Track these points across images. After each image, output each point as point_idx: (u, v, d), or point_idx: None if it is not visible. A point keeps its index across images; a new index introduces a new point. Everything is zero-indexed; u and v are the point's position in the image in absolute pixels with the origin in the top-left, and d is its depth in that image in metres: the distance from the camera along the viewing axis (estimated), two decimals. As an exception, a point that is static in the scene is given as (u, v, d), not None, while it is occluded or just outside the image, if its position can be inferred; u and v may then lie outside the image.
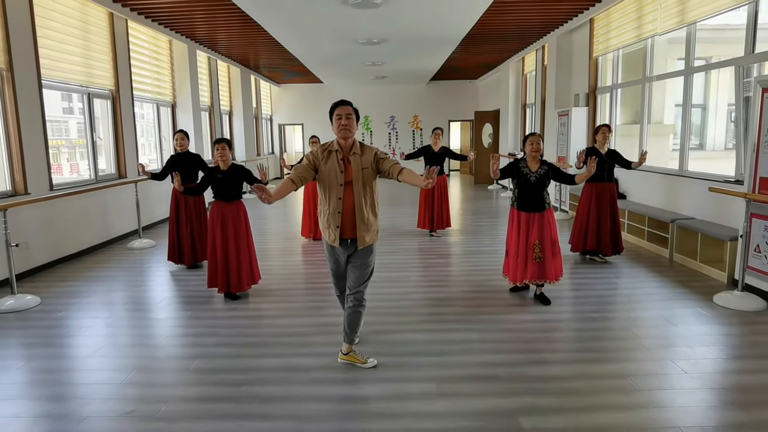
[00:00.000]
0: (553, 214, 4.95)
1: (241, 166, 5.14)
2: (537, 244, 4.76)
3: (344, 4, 7.62)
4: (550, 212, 4.84)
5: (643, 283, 5.62)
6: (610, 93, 9.31)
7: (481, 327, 4.33)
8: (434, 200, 8.12)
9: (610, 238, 6.28)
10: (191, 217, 6.25)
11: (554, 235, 4.82)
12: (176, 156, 6.28)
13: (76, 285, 5.78)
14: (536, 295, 5.01)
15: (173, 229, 6.28)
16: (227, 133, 14.18)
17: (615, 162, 6.28)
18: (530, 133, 5.18)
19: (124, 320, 4.73)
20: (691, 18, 6.69)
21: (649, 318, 4.58)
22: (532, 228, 4.80)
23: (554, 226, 4.85)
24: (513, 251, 4.96)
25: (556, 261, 4.83)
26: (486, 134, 16.37)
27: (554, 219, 4.90)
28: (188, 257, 6.29)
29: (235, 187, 5.10)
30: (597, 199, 6.25)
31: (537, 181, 4.82)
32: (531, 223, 4.81)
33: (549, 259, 4.77)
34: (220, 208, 5.04)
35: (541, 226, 4.78)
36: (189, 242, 6.26)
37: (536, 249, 4.77)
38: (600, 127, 6.29)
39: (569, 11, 9.21)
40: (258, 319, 4.67)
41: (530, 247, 4.80)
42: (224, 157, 5.02)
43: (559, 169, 4.99)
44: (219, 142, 5.04)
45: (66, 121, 10.12)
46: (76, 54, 7.31)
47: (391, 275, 6.02)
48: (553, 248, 4.80)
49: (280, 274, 6.12)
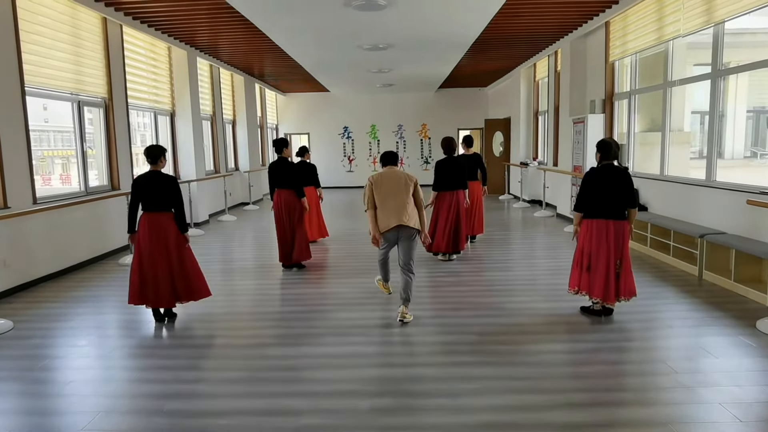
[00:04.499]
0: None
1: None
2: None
3: (347, 6, 7.23)
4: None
5: (672, 306, 5.12)
6: (628, 99, 8.82)
7: (497, 360, 3.85)
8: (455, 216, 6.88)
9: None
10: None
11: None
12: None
13: (57, 307, 5.35)
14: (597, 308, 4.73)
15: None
16: (230, 142, 13.81)
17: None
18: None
19: (101, 348, 4.30)
20: (719, 17, 6.21)
21: (684, 347, 4.08)
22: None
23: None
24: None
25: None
26: (497, 142, 15.90)
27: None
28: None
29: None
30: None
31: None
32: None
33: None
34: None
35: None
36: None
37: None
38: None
39: (584, 14, 8.76)
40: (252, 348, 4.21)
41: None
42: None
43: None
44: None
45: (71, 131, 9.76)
46: (66, 60, 6.94)
47: (393, 296, 5.54)
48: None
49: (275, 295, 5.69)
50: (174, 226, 4.72)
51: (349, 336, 4.39)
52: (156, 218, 4.67)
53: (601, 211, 4.53)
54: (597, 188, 4.53)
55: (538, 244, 8.37)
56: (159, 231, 4.64)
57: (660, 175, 7.75)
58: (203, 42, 10.14)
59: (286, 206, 6.59)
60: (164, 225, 4.67)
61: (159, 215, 4.68)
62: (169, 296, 4.69)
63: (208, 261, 7.56)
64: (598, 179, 4.53)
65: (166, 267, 4.64)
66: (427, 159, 18.78)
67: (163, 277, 4.62)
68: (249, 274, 6.72)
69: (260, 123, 16.19)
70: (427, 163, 18.71)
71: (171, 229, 4.70)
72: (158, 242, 4.63)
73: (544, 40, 10.68)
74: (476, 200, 7.92)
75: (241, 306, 5.41)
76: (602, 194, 4.52)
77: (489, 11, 7.80)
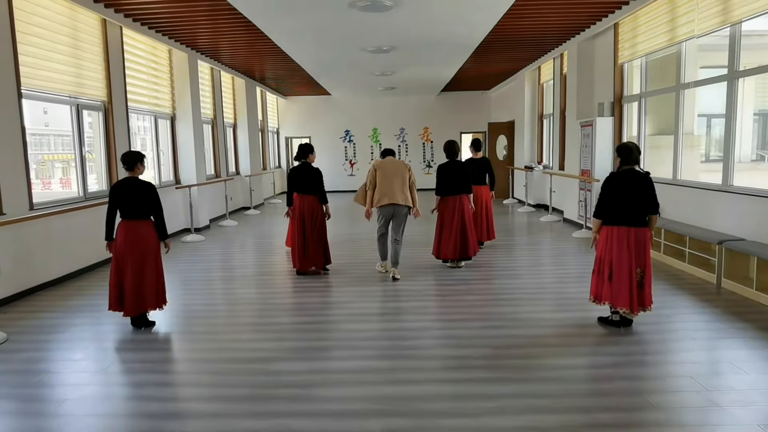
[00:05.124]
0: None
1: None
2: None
3: (352, 7, 7.05)
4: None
5: (692, 316, 4.92)
6: (638, 102, 8.64)
7: (515, 376, 3.65)
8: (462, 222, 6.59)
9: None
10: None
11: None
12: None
13: (53, 317, 5.15)
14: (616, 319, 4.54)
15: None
16: (231, 146, 13.64)
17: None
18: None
19: (98, 362, 4.10)
20: (735, 18, 6.04)
21: (711, 362, 3.88)
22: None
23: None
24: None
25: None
26: (500, 146, 15.72)
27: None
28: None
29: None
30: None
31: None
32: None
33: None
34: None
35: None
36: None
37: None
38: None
39: (593, 15, 8.58)
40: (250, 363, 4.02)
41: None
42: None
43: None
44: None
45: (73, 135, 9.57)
46: (64, 62, 6.76)
47: (405, 305, 5.36)
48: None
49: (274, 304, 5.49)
50: (153, 233, 4.67)
51: (357, 349, 4.20)
52: (134, 226, 4.61)
53: (621, 218, 4.34)
54: (617, 194, 4.34)
55: (546, 250, 8.18)
56: (136, 239, 4.59)
57: (672, 179, 7.56)
58: (204, 44, 9.97)
59: (309, 211, 6.47)
60: (142, 233, 4.61)
61: (137, 223, 4.62)
62: (139, 304, 4.63)
63: (209, 268, 7.38)
64: (619, 185, 4.34)
65: (138, 276, 4.57)
66: (429, 163, 18.60)
67: (137, 285, 4.56)
68: (251, 282, 6.52)
69: (261, 126, 16.02)
70: (429, 166, 18.53)
71: (150, 237, 4.64)
72: (135, 251, 4.57)
73: (550, 42, 10.51)
74: (485, 205, 7.72)
75: (243, 317, 5.21)
76: (623, 200, 4.33)
77: (498, 10, 7.62)
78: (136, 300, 4.61)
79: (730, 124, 6.31)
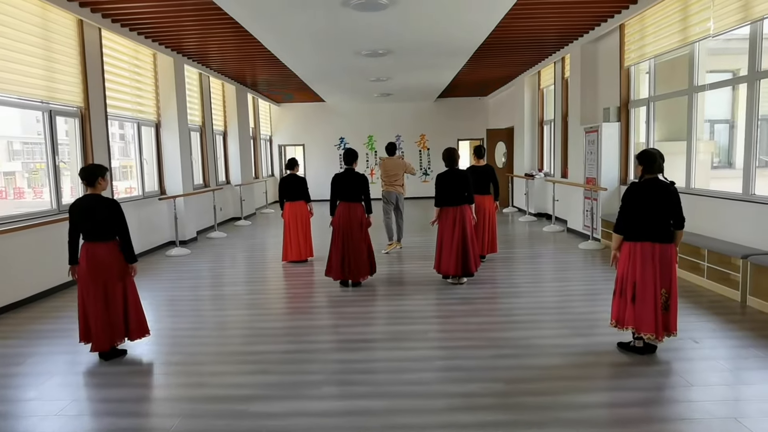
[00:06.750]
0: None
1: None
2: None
3: (345, 6, 6.61)
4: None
5: (720, 341, 4.45)
6: (646, 106, 8.22)
7: (535, 418, 3.16)
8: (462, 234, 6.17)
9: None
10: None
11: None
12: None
13: (14, 345, 4.64)
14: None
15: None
16: (221, 155, 13.16)
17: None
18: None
19: (55, 403, 3.57)
20: (757, 14, 5.62)
21: (755, 399, 3.40)
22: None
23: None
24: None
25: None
26: (500, 153, 15.29)
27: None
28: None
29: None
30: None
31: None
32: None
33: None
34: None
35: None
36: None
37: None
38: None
39: (597, 16, 8.18)
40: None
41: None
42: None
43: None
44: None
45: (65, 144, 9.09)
46: (34, 65, 6.28)
47: (404, 329, 4.87)
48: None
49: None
50: (118, 256, 4.16)
51: (349, 385, 3.71)
52: (94, 249, 4.11)
53: (645, 233, 3.88)
54: (640, 206, 3.89)
55: (552, 264, 7.69)
56: (98, 264, 4.09)
57: (686, 187, 7.12)
58: (191, 48, 9.51)
59: (354, 220, 6.16)
60: (103, 257, 4.11)
61: (98, 245, 4.12)
62: (105, 337, 4.11)
63: (195, 286, 6.86)
64: (642, 196, 3.89)
65: (102, 306, 4.08)
66: (426, 170, 18.16)
67: (101, 316, 4.07)
68: (239, 303, 5.99)
69: (253, 134, 15.55)
70: (426, 174, 18.10)
71: (113, 261, 4.13)
72: (97, 277, 4.09)
73: (552, 44, 10.10)
74: (488, 216, 7.27)
75: (227, 344, 4.67)
76: (647, 213, 3.87)
77: (498, 12, 7.20)
78: (103, 332, 4.10)
79: (752, 127, 5.87)
